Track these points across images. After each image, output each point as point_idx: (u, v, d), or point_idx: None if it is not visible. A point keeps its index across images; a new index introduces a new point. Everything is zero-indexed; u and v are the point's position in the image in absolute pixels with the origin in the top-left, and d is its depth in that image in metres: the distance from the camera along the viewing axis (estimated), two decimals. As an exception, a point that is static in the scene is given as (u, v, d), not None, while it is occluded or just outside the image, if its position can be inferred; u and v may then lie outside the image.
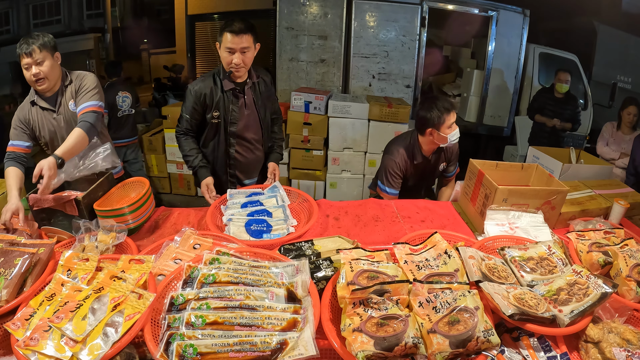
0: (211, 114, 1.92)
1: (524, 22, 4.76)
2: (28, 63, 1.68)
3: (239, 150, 2.06)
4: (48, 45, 1.70)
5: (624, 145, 3.33)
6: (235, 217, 1.60)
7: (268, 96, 2.08)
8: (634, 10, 4.92)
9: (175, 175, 4.25)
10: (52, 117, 1.81)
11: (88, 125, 1.67)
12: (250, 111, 2.01)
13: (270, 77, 2.11)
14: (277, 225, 1.57)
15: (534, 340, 1.06)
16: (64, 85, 1.81)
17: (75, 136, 1.62)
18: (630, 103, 3.38)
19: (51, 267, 1.21)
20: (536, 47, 5.02)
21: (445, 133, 1.96)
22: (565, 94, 3.81)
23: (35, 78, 1.70)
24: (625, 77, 5.12)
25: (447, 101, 1.99)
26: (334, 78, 4.73)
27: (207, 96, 1.89)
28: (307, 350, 0.92)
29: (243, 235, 1.52)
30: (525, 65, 4.98)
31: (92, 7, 7.26)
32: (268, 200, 1.74)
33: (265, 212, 1.65)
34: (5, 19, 6.51)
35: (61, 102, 1.80)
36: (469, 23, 5.30)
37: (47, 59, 1.70)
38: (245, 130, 2.03)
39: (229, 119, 1.95)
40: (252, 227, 1.55)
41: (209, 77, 1.92)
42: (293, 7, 4.51)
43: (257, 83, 2.00)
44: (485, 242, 1.40)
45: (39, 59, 1.68)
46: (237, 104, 1.95)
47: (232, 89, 1.91)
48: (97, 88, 1.80)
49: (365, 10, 4.52)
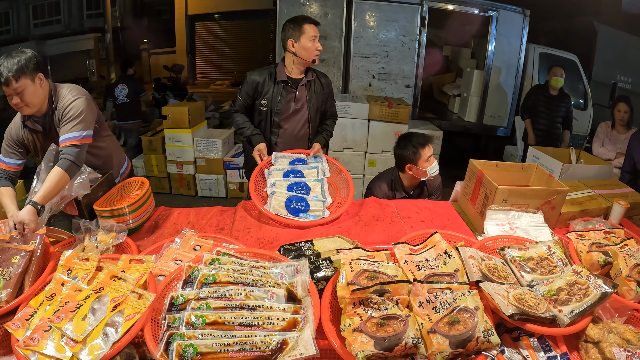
0: (260, 100, 2.08)
1: (524, 22, 4.77)
2: (7, 92, 1.50)
3: (280, 141, 2.15)
4: (26, 69, 1.48)
5: (620, 145, 3.32)
6: (277, 188, 1.77)
7: (324, 99, 2.18)
8: (634, 10, 4.92)
9: (175, 175, 4.25)
10: (42, 139, 1.69)
11: (68, 163, 1.51)
12: (300, 107, 2.11)
13: (329, 81, 2.20)
14: (315, 206, 1.74)
15: (534, 340, 1.06)
16: (52, 107, 1.63)
17: (54, 177, 1.47)
18: (620, 100, 3.37)
19: (51, 267, 1.21)
20: (536, 47, 5.03)
21: (424, 167, 2.06)
22: (559, 92, 3.80)
23: (17, 107, 1.55)
24: (625, 77, 5.12)
25: (421, 137, 2.10)
26: (334, 78, 4.73)
27: (259, 84, 2.06)
28: (307, 350, 0.92)
29: (282, 212, 1.71)
30: (525, 65, 4.99)
31: (92, 7, 7.26)
32: (310, 171, 1.91)
33: (305, 185, 1.80)
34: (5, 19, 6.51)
35: (50, 125, 1.66)
36: (469, 23, 5.31)
37: (27, 86, 1.51)
38: (289, 123, 2.12)
39: (275, 108, 2.06)
40: (292, 205, 1.72)
41: (267, 69, 2.09)
42: (293, 7, 4.51)
43: (312, 82, 2.10)
44: (485, 242, 1.40)
45: (18, 88, 1.49)
46: (286, 96, 2.06)
47: (284, 81, 2.04)
48: (81, 115, 1.60)
49: (365, 10, 4.52)
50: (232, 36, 9.08)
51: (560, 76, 3.72)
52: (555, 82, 3.73)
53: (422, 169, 2.06)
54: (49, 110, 1.63)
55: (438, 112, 5.69)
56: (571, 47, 5.10)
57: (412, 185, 2.19)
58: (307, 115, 2.14)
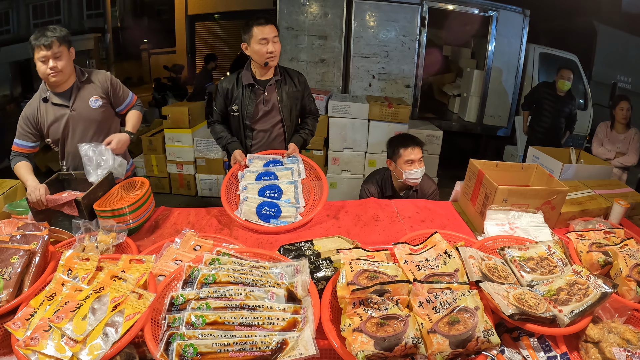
0: (231, 107, 2.07)
1: (524, 22, 4.76)
2: (45, 56, 1.66)
3: (255, 144, 2.13)
4: (66, 39, 1.71)
5: (619, 145, 3.34)
6: (249, 193, 1.75)
7: (298, 97, 2.13)
8: (634, 10, 4.92)
9: (175, 175, 4.25)
10: (65, 113, 1.80)
11: (140, 108, 2.01)
12: (270, 108, 2.07)
13: (303, 78, 2.16)
14: (287, 212, 1.70)
15: (534, 340, 1.06)
16: (79, 81, 1.82)
17: (137, 115, 1.96)
18: (621, 99, 3.39)
19: (52, 267, 1.21)
20: (536, 47, 5.02)
21: (402, 168, 2.05)
22: (566, 93, 3.81)
23: (53, 72, 1.69)
24: (625, 77, 5.11)
25: (410, 139, 2.08)
26: (334, 78, 4.73)
27: (229, 91, 2.05)
28: (307, 350, 0.92)
29: (252, 217, 1.68)
30: (525, 65, 4.98)
31: (92, 7, 7.26)
32: (284, 173, 1.87)
33: (277, 188, 1.76)
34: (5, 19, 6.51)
35: (76, 98, 1.81)
36: (469, 23, 5.30)
37: (64, 53, 1.71)
38: (262, 125, 2.09)
39: (245, 112, 2.04)
40: (263, 211, 1.69)
41: (235, 74, 2.07)
42: (293, 7, 4.51)
43: (281, 81, 2.06)
44: (485, 242, 1.40)
45: (57, 53, 1.67)
46: (254, 99, 2.03)
47: (250, 84, 2.01)
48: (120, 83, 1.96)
49: (365, 10, 4.52)
50: (232, 36, 9.08)
51: (568, 79, 3.71)
52: (562, 84, 3.73)
53: (400, 169, 2.05)
54: (77, 84, 1.81)
55: (438, 112, 5.69)
56: (571, 47, 5.09)
57: (400, 186, 2.18)
58: (280, 115, 2.08)
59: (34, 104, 1.80)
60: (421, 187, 2.18)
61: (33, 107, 1.79)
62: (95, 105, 1.84)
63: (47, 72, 1.69)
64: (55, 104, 1.79)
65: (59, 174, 1.78)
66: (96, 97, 1.84)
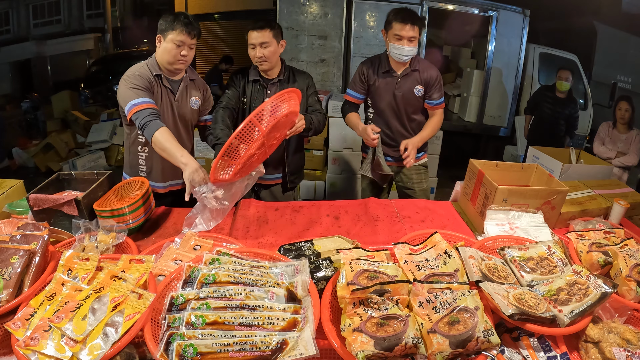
0: (241, 98, 2.11)
1: (524, 22, 4.76)
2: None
3: None
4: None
5: (620, 144, 3.36)
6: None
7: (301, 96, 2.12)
8: (634, 10, 4.91)
9: (175, 175, 4.25)
10: (171, 100, 1.83)
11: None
12: None
13: (308, 79, 2.17)
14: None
15: (534, 340, 1.06)
16: (189, 77, 1.88)
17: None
18: (622, 99, 3.41)
19: (52, 267, 1.21)
20: (536, 47, 5.03)
21: (391, 40, 2.03)
22: (567, 95, 3.81)
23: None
24: (625, 77, 5.11)
25: (409, 15, 1.99)
26: (334, 78, 4.74)
27: (241, 81, 2.09)
28: (307, 350, 0.92)
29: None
30: (525, 65, 4.99)
31: (92, 7, 7.27)
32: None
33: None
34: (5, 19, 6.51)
35: (182, 91, 1.85)
36: (469, 23, 5.30)
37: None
38: None
39: (252, 106, 2.07)
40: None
41: (247, 69, 2.11)
42: (293, 7, 4.51)
43: (285, 80, 2.09)
44: (485, 242, 1.40)
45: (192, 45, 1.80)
46: (262, 95, 2.08)
47: (255, 80, 2.06)
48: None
49: (365, 10, 4.52)
50: (232, 36, 9.07)
51: (566, 80, 3.72)
52: (560, 85, 3.75)
53: (389, 42, 2.04)
54: (187, 78, 1.87)
55: (438, 112, 5.69)
56: (571, 47, 5.10)
57: (397, 66, 2.14)
58: None
59: (144, 71, 1.72)
60: (424, 69, 2.15)
61: (144, 72, 1.72)
62: (194, 105, 1.92)
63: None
64: (166, 86, 1.80)
65: (59, 174, 1.78)
66: (196, 98, 1.91)
